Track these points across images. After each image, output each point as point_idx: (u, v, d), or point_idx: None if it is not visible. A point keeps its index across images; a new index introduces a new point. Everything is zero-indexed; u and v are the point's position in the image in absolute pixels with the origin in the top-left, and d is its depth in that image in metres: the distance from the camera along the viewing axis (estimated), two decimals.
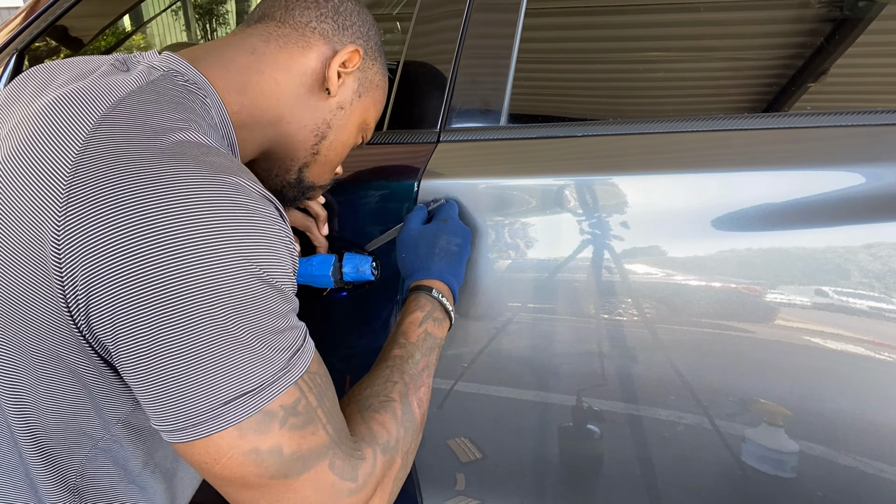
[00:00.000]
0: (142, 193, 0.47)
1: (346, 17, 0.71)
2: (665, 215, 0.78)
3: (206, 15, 2.05)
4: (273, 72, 0.67)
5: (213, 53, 0.65)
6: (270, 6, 0.71)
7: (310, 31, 0.69)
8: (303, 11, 0.70)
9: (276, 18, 0.69)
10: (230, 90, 0.64)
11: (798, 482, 0.80)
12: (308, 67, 0.69)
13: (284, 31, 0.68)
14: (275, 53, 0.67)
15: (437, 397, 0.92)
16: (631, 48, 0.98)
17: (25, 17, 1.13)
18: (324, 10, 0.70)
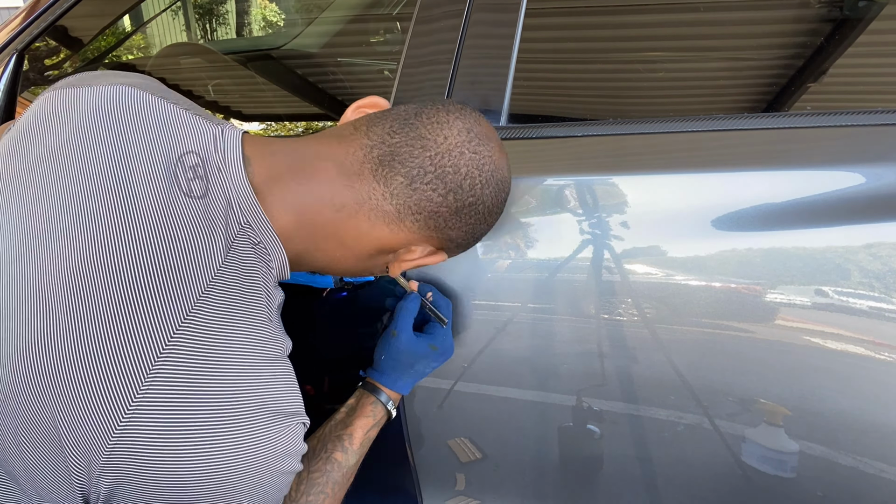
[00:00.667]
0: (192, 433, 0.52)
1: (463, 219, 0.64)
2: (665, 215, 0.78)
3: (206, 15, 2.05)
4: (346, 237, 0.63)
5: (295, 189, 0.60)
6: (400, 162, 0.60)
7: (412, 220, 0.62)
8: (421, 200, 0.61)
9: (389, 186, 0.60)
10: (292, 240, 0.62)
11: (798, 482, 0.80)
12: (384, 246, 0.64)
13: (386, 208, 0.61)
14: (360, 222, 0.62)
15: (437, 397, 0.92)
16: (631, 48, 0.98)
17: (25, 17, 1.13)
18: (444, 208, 0.62)
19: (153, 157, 0.58)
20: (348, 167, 0.60)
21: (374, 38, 1.45)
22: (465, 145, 0.61)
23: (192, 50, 1.61)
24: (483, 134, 0.63)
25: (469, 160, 0.61)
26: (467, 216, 0.64)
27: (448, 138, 0.61)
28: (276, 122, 1.27)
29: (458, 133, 0.61)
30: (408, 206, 0.61)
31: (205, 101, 1.32)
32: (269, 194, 0.60)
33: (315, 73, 1.40)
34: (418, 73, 0.91)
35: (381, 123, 0.62)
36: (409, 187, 0.60)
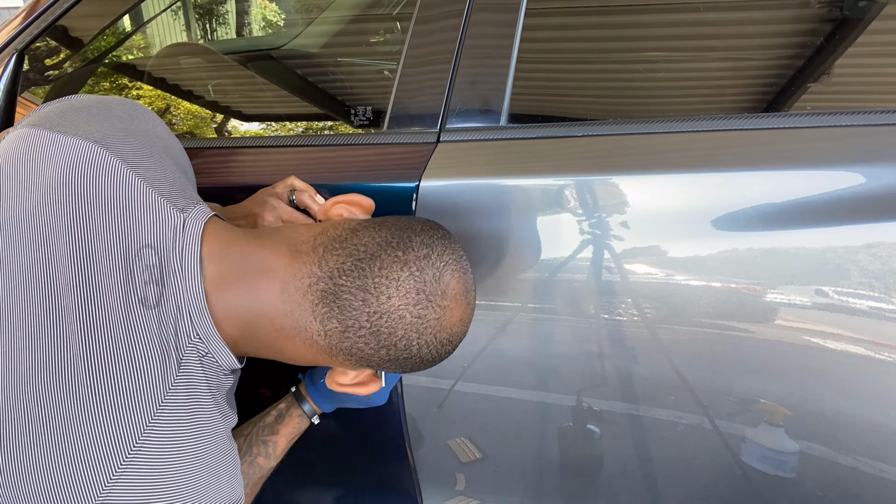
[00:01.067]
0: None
1: (392, 355, 0.62)
2: (665, 215, 0.78)
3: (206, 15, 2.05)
4: (286, 353, 0.64)
5: (243, 303, 0.60)
6: (339, 306, 0.59)
7: (345, 358, 0.63)
8: (353, 347, 0.61)
9: (324, 326, 0.60)
10: (237, 343, 0.62)
11: (798, 482, 0.80)
12: (323, 364, 0.67)
13: (320, 343, 0.61)
14: (297, 343, 0.62)
15: (437, 397, 0.92)
16: (631, 48, 0.98)
17: (25, 17, 1.13)
18: (378, 353, 0.61)
19: (112, 250, 0.57)
20: (292, 293, 0.60)
21: (374, 38, 1.45)
22: (408, 308, 0.59)
23: (192, 50, 1.61)
24: (437, 292, 0.60)
25: (408, 324, 0.59)
26: (403, 364, 0.63)
27: (391, 298, 0.59)
28: (276, 122, 1.27)
29: (406, 294, 0.59)
30: (340, 349, 0.61)
31: (205, 101, 1.32)
32: (217, 301, 0.60)
33: (315, 73, 1.40)
34: (418, 73, 0.91)
35: (336, 255, 0.61)
36: (342, 334, 0.60)
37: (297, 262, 0.61)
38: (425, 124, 0.89)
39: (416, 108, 0.90)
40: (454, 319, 0.62)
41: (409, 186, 0.84)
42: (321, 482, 1.08)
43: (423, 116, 0.89)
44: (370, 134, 1.01)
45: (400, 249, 0.60)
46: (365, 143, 0.93)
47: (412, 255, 0.60)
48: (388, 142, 0.91)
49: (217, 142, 1.01)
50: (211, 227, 0.62)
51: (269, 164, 0.95)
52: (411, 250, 0.60)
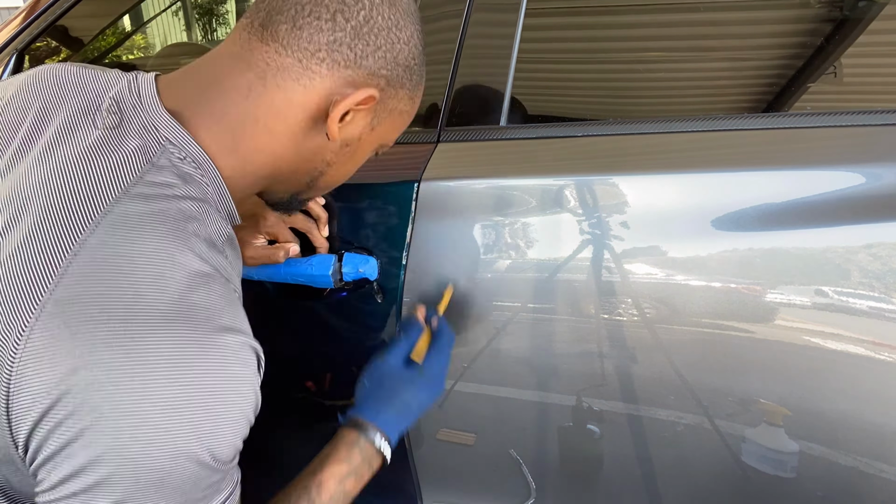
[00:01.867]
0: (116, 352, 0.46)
1: (368, 40, 0.57)
2: (665, 215, 0.78)
3: (206, 15, 2.05)
4: (268, 119, 0.58)
5: (205, 99, 0.58)
6: (277, 12, 0.56)
7: (317, 62, 0.56)
8: (312, 34, 0.56)
9: (278, 39, 0.56)
10: (222, 152, 0.58)
11: (798, 482, 0.80)
12: (308, 111, 0.59)
13: (286, 63, 0.56)
14: (272, 95, 0.57)
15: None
16: (631, 48, 0.98)
17: (25, 17, 1.13)
18: (340, 33, 0.56)
19: (78, 109, 0.58)
20: (238, 51, 0.58)
21: None
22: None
23: (192, 50, 1.61)
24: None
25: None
26: (370, 34, 0.57)
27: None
28: None
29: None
30: (303, 49, 0.56)
31: None
32: (186, 118, 0.57)
33: None
34: None
35: (254, 4, 0.59)
36: (294, 30, 0.56)
37: (229, 39, 0.59)
38: (425, 124, 0.89)
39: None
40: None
41: (409, 186, 0.84)
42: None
43: (423, 116, 0.89)
44: None
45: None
46: None
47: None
48: None
49: None
50: (163, 76, 0.61)
51: None
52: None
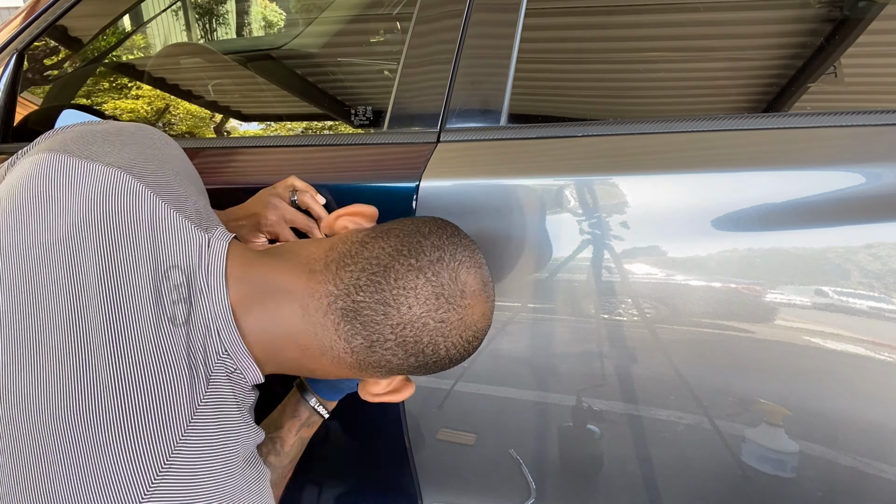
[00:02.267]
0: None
1: (431, 373, 0.65)
2: (665, 215, 0.78)
3: (206, 15, 2.05)
4: (315, 370, 0.65)
5: (272, 325, 0.61)
6: (362, 324, 0.59)
7: (372, 371, 0.63)
8: (381, 359, 0.61)
9: (349, 342, 0.60)
10: (267, 365, 0.63)
11: (798, 482, 0.80)
12: (351, 377, 0.66)
13: (347, 360, 0.62)
14: (325, 365, 0.63)
15: (437, 397, 0.92)
16: (631, 48, 0.98)
17: (25, 17, 1.13)
18: (406, 364, 0.62)
19: (141, 272, 0.58)
20: (312, 313, 0.60)
21: (374, 38, 1.45)
22: (430, 315, 0.59)
23: (192, 50, 1.61)
24: (456, 293, 0.60)
25: (433, 329, 0.59)
26: (433, 367, 0.63)
27: (412, 308, 0.59)
28: (276, 122, 1.27)
29: (426, 301, 0.59)
30: (368, 363, 0.61)
31: (205, 101, 1.32)
32: (243, 321, 0.60)
33: (315, 73, 1.40)
34: (418, 73, 0.91)
35: (350, 271, 0.61)
36: (368, 349, 0.60)
37: (312, 282, 0.61)
38: (425, 124, 0.89)
39: (416, 108, 0.90)
40: (476, 316, 0.62)
41: (410, 186, 0.84)
42: (321, 482, 1.08)
43: (423, 116, 0.89)
44: (370, 134, 1.01)
45: (412, 256, 0.60)
46: (365, 143, 0.93)
47: (425, 261, 0.60)
48: (388, 142, 0.91)
49: (217, 142, 1.01)
50: (232, 249, 0.63)
51: (269, 164, 0.95)
52: (423, 255, 0.60)
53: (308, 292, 0.61)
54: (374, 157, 0.90)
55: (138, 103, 1.31)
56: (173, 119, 1.29)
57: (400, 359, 0.61)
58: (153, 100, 1.31)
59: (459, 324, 0.61)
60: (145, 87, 1.33)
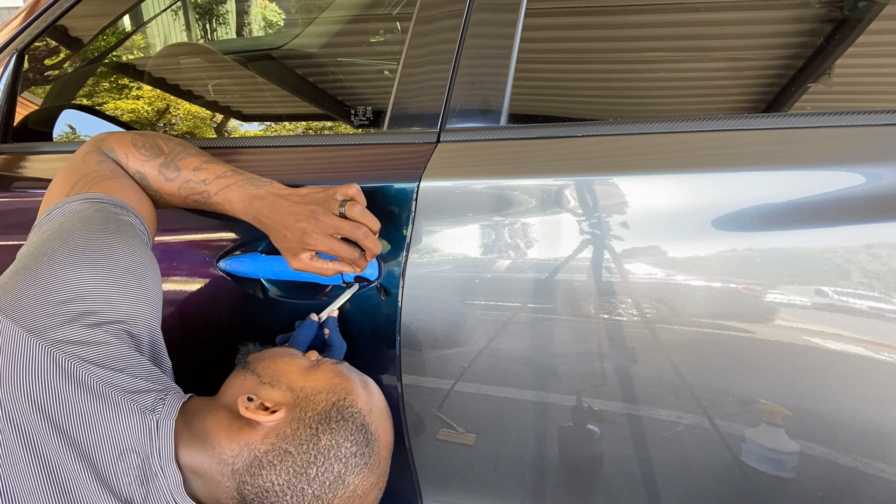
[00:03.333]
0: None
1: None
2: (665, 215, 0.78)
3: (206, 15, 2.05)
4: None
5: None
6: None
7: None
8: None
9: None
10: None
11: (798, 482, 0.80)
12: None
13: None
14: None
15: (437, 397, 0.92)
16: (631, 48, 0.98)
17: (25, 17, 1.13)
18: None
19: (85, 463, 0.62)
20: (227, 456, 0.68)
21: (374, 38, 1.45)
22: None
23: (192, 50, 1.61)
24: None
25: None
26: None
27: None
28: (276, 122, 1.27)
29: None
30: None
31: (205, 100, 1.32)
32: (192, 485, 0.68)
33: (315, 73, 1.40)
34: (418, 73, 0.91)
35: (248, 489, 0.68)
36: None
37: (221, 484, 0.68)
38: (425, 124, 0.89)
39: (416, 108, 0.90)
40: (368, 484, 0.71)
41: (409, 186, 0.85)
42: None
43: (423, 116, 0.89)
44: (370, 134, 1.01)
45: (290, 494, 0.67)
46: (365, 143, 0.93)
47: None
48: (388, 142, 0.91)
49: (217, 142, 1.01)
50: (179, 420, 0.69)
51: (269, 164, 0.95)
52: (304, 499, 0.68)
53: (216, 487, 0.68)
54: (374, 157, 0.90)
55: (139, 103, 1.31)
56: (174, 119, 1.29)
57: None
58: (153, 100, 1.31)
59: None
60: (146, 87, 1.33)
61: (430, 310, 0.87)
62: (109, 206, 0.75)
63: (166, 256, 1.01)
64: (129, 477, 0.63)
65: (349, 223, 0.78)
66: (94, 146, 0.84)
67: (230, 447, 0.68)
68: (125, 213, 0.75)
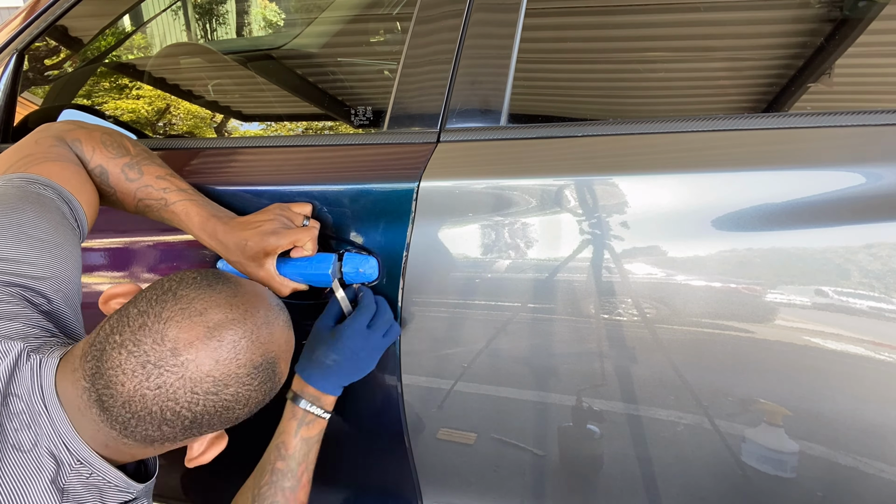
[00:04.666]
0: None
1: (221, 425, 0.65)
2: (665, 215, 0.78)
3: (206, 15, 2.05)
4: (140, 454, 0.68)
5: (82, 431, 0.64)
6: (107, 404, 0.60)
7: (159, 446, 0.65)
8: (150, 437, 0.62)
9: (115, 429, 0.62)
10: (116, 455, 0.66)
11: (798, 482, 0.80)
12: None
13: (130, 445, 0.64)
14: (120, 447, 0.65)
15: (437, 397, 0.92)
16: (631, 48, 0.98)
17: (25, 17, 1.13)
18: (195, 429, 0.63)
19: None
20: (83, 410, 0.62)
21: (374, 38, 1.45)
22: (143, 385, 0.59)
23: (192, 50, 1.61)
24: (165, 355, 0.59)
25: (155, 398, 0.59)
26: (205, 425, 0.63)
27: (125, 384, 0.59)
28: (276, 122, 1.27)
29: (133, 374, 0.58)
30: (147, 441, 0.62)
31: (205, 100, 1.32)
32: (80, 429, 0.62)
33: (315, 73, 1.40)
34: (418, 73, 0.91)
35: (88, 361, 0.61)
36: (127, 430, 0.61)
37: (75, 383, 0.62)
38: (425, 124, 0.89)
39: (416, 108, 0.90)
40: (206, 367, 0.59)
41: (409, 186, 0.84)
42: (321, 482, 1.08)
43: (423, 116, 0.89)
44: (370, 134, 1.01)
45: (116, 333, 0.60)
46: (365, 143, 0.93)
47: (127, 333, 0.59)
48: (388, 142, 0.91)
49: (217, 142, 1.01)
50: (60, 367, 0.64)
51: (270, 164, 0.95)
52: (126, 328, 0.60)
53: (74, 394, 0.62)
54: (374, 157, 0.90)
55: (139, 103, 1.31)
56: (174, 119, 1.29)
57: (159, 430, 0.61)
58: (153, 100, 1.31)
59: (182, 383, 0.59)
60: (146, 87, 1.33)
61: (429, 310, 0.87)
62: (37, 187, 0.74)
63: (166, 256, 1.01)
64: (14, 421, 0.60)
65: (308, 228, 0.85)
66: (55, 133, 0.84)
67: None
68: (51, 192, 0.75)
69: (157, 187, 0.84)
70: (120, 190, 0.84)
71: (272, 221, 0.83)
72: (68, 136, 0.84)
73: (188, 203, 0.84)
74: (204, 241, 0.85)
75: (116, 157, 0.84)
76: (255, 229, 0.83)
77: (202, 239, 0.85)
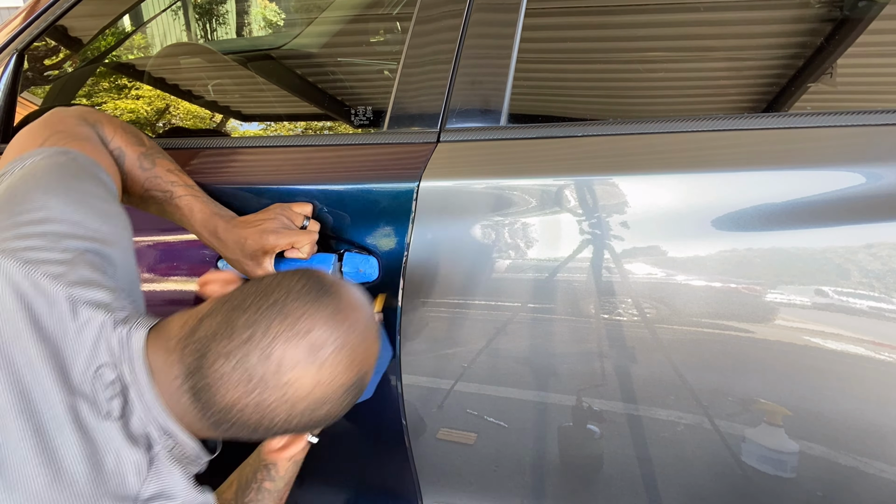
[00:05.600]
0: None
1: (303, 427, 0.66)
2: (665, 215, 0.78)
3: (206, 15, 2.05)
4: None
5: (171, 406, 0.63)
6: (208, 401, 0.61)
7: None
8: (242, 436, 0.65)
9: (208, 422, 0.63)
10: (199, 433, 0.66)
11: (798, 482, 0.80)
12: None
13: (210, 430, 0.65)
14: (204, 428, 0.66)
15: (437, 397, 0.92)
16: (631, 48, 0.98)
17: (25, 17, 1.13)
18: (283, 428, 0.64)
19: (67, 377, 0.59)
20: (174, 392, 0.62)
21: (374, 38, 1.45)
22: (245, 399, 0.60)
23: (192, 50, 1.61)
24: (269, 374, 0.59)
25: (253, 412, 0.60)
26: (291, 432, 0.65)
27: (226, 394, 0.60)
28: (275, 122, 1.27)
29: (236, 386, 0.59)
30: (222, 434, 0.64)
31: (205, 100, 1.32)
32: (168, 402, 0.62)
33: (315, 73, 1.40)
34: (418, 73, 0.91)
35: (188, 352, 0.61)
36: (217, 426, 0.62)
37: (167, 364, 0.62)
38: (425, 124, 0.89)
39: (416, 108, 0.90)
40: (305, 389, 0.60)
41: (409, 186, 0.84)
42: (321, 482, 1.08)
43: (423, 116, 0.89)
44: (370, 134, 1.01)
45: (224, 338, 0.60)
46: (365, 143, 0.93)
47: (235, 343, 0.59)
48: (388, 142, 0.91)
49: (217, 142, 1.01)
50: (150, 339, 0.64)
51: (270, 164, 0.95)
52: (235, 336, 0.60)
53: (166, 373, 0.62)
54: (374, 157, 0.90)
55: (138, 103, 1.31)
56: (174, 119, 1.29)
57: (247, 434, 0.63)
58: (153, 100, 1.31)
59: (282, 402, 0.60)
60: (145, 87, 1.33)
61: (429, 310, 0.87)
62: (84, 161, 0.74)
63: (167, 256, 1.01)
64: (108, 390, 0.60)
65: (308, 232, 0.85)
66: (77, 113, 0.84)
67: (178, 322, 0.65)
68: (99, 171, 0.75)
69: (166, 180, 0.85)
70: (131, 176, 0.85)
71: (272, 221, 0.84)
72: (90, 117, 0.85)
73: (192, 199, 0.85)
74: (204, 237, 0.85)
75: (133, 144, 0.85)
76: (255, 227, 0.83)
77: (202, 236, 0.85)
